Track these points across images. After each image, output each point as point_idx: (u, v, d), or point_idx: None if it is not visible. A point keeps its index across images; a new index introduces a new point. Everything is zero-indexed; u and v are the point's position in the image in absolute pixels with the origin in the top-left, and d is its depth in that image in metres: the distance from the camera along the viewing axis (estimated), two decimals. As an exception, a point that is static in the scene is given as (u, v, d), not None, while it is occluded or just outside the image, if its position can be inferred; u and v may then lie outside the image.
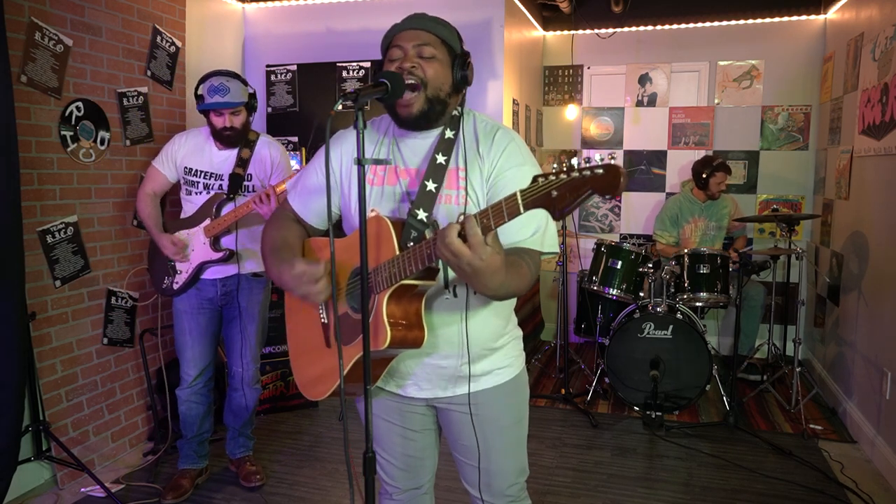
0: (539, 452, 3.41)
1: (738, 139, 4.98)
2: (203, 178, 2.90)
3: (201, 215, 2.90)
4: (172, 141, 2.96)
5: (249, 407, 3.09)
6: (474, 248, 1.21)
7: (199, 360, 2.98)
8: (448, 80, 1.52)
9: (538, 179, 1.14)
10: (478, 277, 1.25)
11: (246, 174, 2.90)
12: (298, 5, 4.39)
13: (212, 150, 2.91)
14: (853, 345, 3.70)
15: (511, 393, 1.69)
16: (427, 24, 1.54)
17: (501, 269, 1.27)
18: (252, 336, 3.01)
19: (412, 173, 1.56)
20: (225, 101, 2.76)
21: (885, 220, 3.34)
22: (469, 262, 1.22)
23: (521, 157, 1.53)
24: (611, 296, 4.19)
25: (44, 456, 2.88)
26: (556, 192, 1.13)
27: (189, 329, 2.95)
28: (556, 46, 5.26)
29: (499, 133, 1.56)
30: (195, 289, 2.94)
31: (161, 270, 3.01)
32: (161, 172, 2.94)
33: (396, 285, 1.40)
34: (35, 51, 2.84)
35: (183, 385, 3.00)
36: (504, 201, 1.18)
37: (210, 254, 2.89)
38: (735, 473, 3.18)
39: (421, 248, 1.33)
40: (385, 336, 1.40)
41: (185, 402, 3.00)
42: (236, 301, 2.96)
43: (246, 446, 3.17)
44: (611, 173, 1.08)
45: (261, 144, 2.94)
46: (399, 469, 1.77)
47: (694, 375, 3.77)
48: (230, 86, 2.78)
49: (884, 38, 3.37)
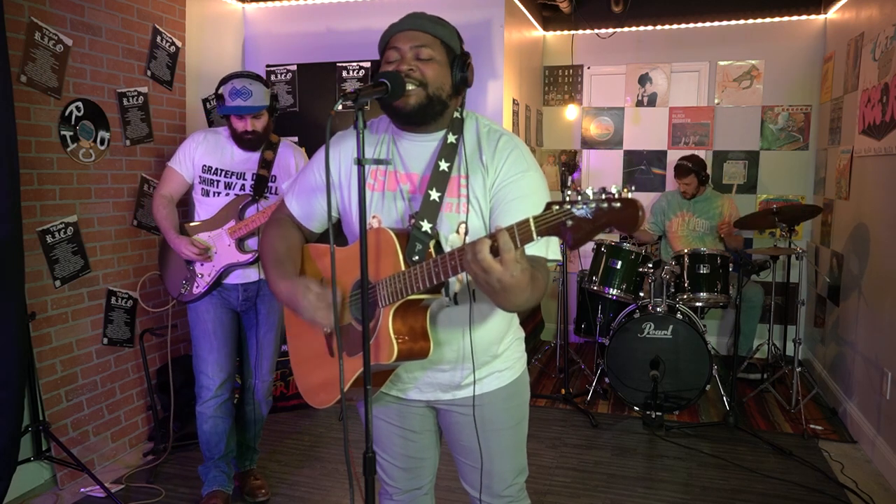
0: (539, 452, 3.41)
1: (738, 139, 4.98)
2: (224, 178, 2.78)
3: (224, 217, 2.78)
4: (190, 140, 2.84)
5: (262, 419, 2.97)
6: (506, 264, 1.18)
7: (222, 367, 2.82)
8: (448, 81, 1.49)
9: (552, 207, 1.12)
10: (505, 294, 1.22)
11: (271, 175, 2.81)
12: (298, 5, 4.39)
13: (233, 149, 2.80)
14: (853, 345, 3.70)
15: (512, 395, 1.69)
16: (425, 24, 1.50)
17: (529, 286, 1.24)
18: (270, 345, 2.91)
19: (413, 178, 1.53)
20: (248, 106, 2.66)
21: (885, 220, 3.34)
22: (500, 278, 1.19)
23: (526, 163, 1.50)
24: (611, 296, 4.19)
25: (44, 456, 2.88)
26: (570, 221, 1.10)
27: (214, 332, 2.80)
28: (556, 46, 5.26)
29: (502, 140, 1.52)
30: (217, 292, 2.81)
31: (177, 275, 2.86)
32: (178, 172, 2.81)
33: (402, 301, 1.39)
34: (35, 51, 2.84)
35: (204, 398, 2.80)
36: (517, 226, 1.16)
37: (237, 256, 2.77)
38: (735, 473, 3.18)
39: (435, 264, 1.31)
40: (392, 351, 1.39)
41: (210, 418, 2.81)
42: (255, 308, 2.87)
43: (251, 459, 3.05)
44: (630, 208, 1.06)
45: (283, 148, 2.86)
46: (400, 469, 1.76)
47: (694, 375, 3.77)
48: (253, 89, 2.68)
49: (884, 37, 3.37)
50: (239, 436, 3.00)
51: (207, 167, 2.79)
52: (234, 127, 2.74)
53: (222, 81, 2.74)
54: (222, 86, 2.73)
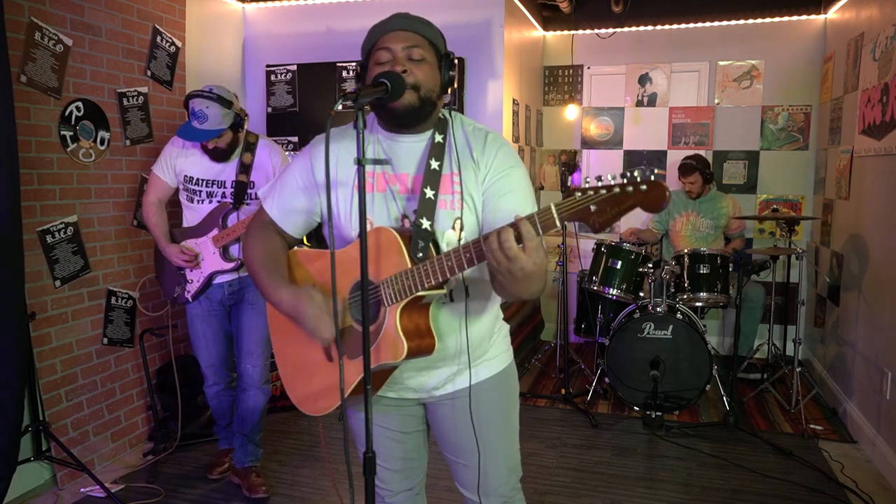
0: (539, 452, 3.40)
1: (738, 139, 4.98)
2: (205, 187, 2.86)
3: (207, 225, 2.87)
4: (170, 146, 2.91)
5: (258, 409, 3.01)
6: (530, 251, 1.21)
7: (217, 361, 3.03)
8: (437, 81, 1.50)
9: (575, 194, 1.15)
10: (526, 281, 1.26)
11: (249, 181, 2.86)
12: (298, 5, 4.39)
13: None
14: (853, 345, 3.70)
15: (499, 385, 1.69)
16: (415, 25, 1.50)
17: (546, 273, 1.29)
18: (261, 329, 2.97)
19: (403, 179, 1.53)
20: (203, 130, 2.69)
21: (885, 221, 3.34)
22: (523, 265, 1.22)
23: (514, 159, 1.54)
24: (611, 296, 4.19)
25: (44, 456, 2.88)
26: (594, 206, 1.13)
27: (203, 332, 2.98)
28: (556, 46, 5.26)
29: (490, 136, 1.56)
30: (205, 294, 2.94)
31: (171, 280, 3.00)
32: (162, 179, 2.92)
33: (410, 297, 1.39)
34: (35, 51, 2.84)
35: (208, 384, 3.07)
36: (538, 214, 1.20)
37: (221, 264, 2.89)
38: (735, 473, 3.18)
39: (448, 258, 1.33)
40: (402, 349, 1.39)
41: (214, 397, 3.09)
42: (245, 299, 2.96)
43: (254, 455, 3.06)
44: (658, 190, 1.08)
45: (261, 148, 2.89)
46: (392, 472, 1.76)
47: (694, 375, 3.77)
48: (209, 112, 2.68)
49: (884, 37, 3.37)
50: (238, 430, 3.04)
51: (188, 177, 2.87)
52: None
53: (188, 97, 2.76)
54: (188, 101, 2.75)
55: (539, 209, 1.20)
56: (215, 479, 3.11)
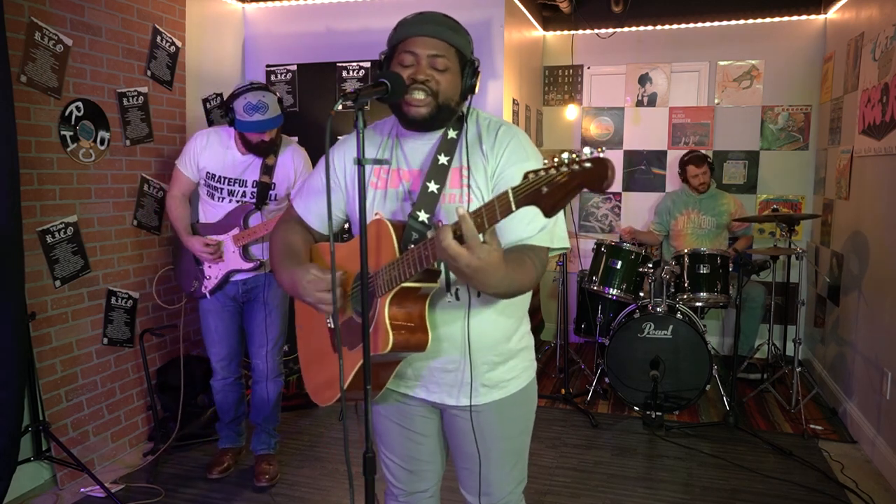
0: (539, 452, 3.40)
1: (738, 139, 4.98)
2: (227, 185, 2.87)
3: (228, 223, 2.89)
4: (194, 141, 2.90)
5: (271, 400, 3.09)
6: (472, 248, 1.20)
7: (227, 355, 3.06)
8: (458, 89, 1.50)
9: (528, 176, 1.12)
10: (478, 277, 1.24)
11: (272, 182, 2.87)
12: (298, 5, 4.39)
13: (235, 154, 2.86)
14: (853, 345, 3.70)
15: (517, 404, 1.68)
16: (444, 32, 1.47)
17: (501, 266, 1.25)
18: (274, 327, 3.02)
19: (414, 174, 1.55)
20: (268, 120, 2.69)
21: (885, 220, 3.34)
22: (467, 262, 1.21)
23: (526, 152, 1.51)
24: (611, 296, 4.19)
25: (44, 456, 2.88)
26: (546, 188, 1.10)
27: (215, 327, 3.02)
28: (556, 46, 5.26)
29: (501, 129, 1.54)
30: (221, 291, 2.98)
31: (189, 273, 3.02)
32: (185, 175, 2.92)
33: (397, 288, 1.39)
34: (35, 51, 2.84)
35: (216, 377, 3.11)
36: (496, 199, 1.17)
37: (240, 263, 2.91)
38: (735, 473, 3.18)
39: (419, 250, 1.32)
40: (387, 340, 1.38)
41: (220, 391, 3.12)
42: (259, 296, 2.99)
43: (268, 444, 3.15)
44: (599, 167, 1.06)
45: (284, 155, 2.90)
46: (405, 471, 1.76)
47: (694, 375, 3.77)
48: (268, 101, 2.69)
49: (884, 37, 3.37)
50: (254, 419, 3.15)
51: (210, 174, 2.88)
52: (247, 139, 2.77)
53: (233, 96, 2.74)
54: (234, 100, 2.72)
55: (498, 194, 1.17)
56: (215, 479, 3.11)
